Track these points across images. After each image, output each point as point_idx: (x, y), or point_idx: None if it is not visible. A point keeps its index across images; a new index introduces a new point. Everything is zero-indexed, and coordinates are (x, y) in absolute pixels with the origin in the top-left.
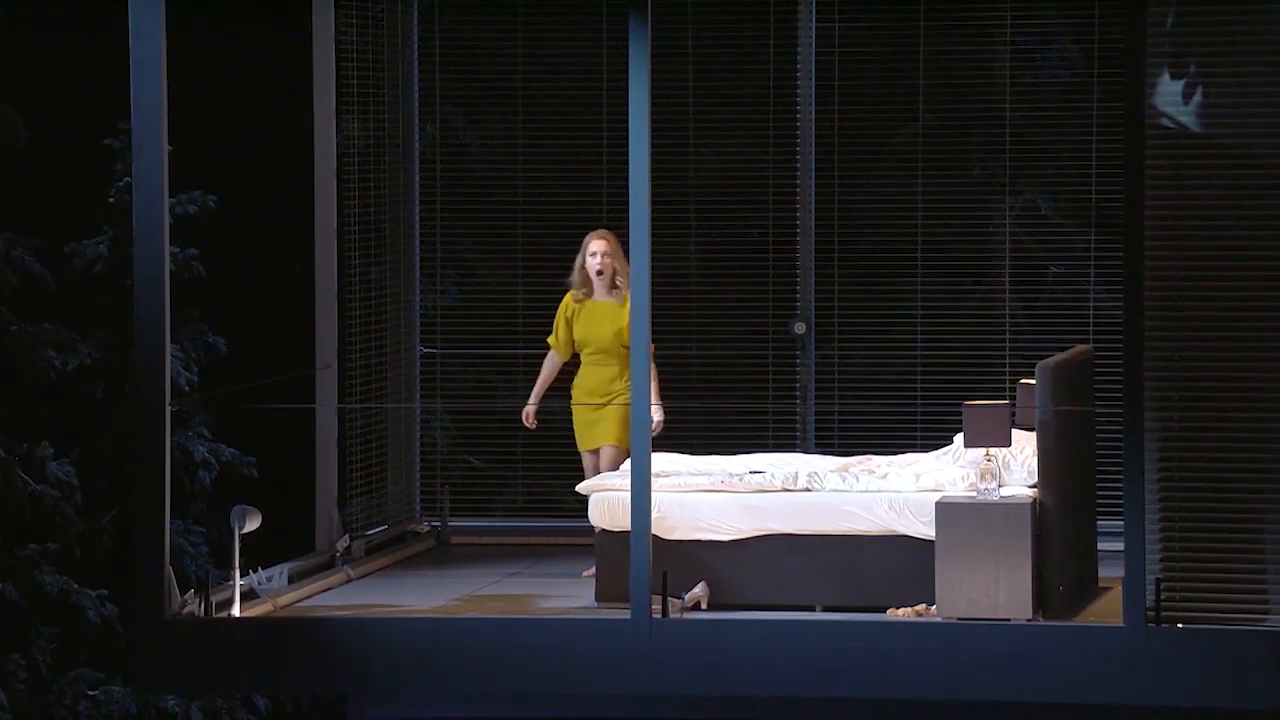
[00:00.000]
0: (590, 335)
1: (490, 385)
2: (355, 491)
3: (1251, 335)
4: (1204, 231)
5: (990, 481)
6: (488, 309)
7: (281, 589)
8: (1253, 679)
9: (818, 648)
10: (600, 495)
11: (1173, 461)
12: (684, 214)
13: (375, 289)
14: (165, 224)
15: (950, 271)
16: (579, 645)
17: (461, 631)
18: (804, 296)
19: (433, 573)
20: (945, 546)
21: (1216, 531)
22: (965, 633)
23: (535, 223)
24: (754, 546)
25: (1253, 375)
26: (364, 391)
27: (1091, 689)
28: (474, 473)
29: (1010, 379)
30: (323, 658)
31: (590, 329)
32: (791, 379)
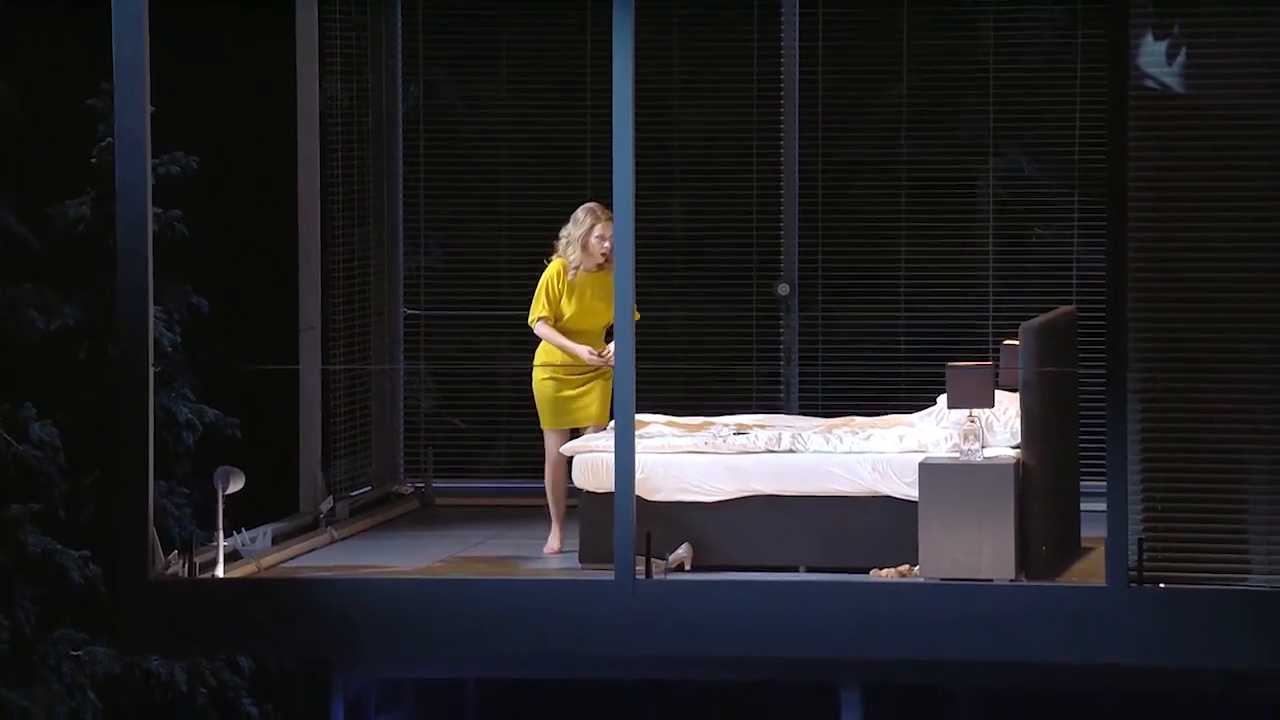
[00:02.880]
0: (583, 312)
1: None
2: (339, 453)
3: (1234, 296)
4: (1187, 192)
5: (973, 442)
6: (472, 270)
7: (265, 550)
8: (1234, 638)
9: (801, 608)
10: (584, 457)
11: (1155, 422)
12: (668, 175)
13: (359, 250)
14: (148, 185)
15: (934, 233)
16: (563, 606)
17: (445, 592)
18: (787, 258)
19: (416, 534)
20: (928, 507)
21: (1198, 492)
22: (948, 593)
23: (519, 184)
24: (737, 507)
25: (1235, 336)
26: (348, 353)
27: (1074, 648)
28: (458, 434)
29: (993, 340)
30: (306, 619)
31: (583, 306)
32: (775, 340)
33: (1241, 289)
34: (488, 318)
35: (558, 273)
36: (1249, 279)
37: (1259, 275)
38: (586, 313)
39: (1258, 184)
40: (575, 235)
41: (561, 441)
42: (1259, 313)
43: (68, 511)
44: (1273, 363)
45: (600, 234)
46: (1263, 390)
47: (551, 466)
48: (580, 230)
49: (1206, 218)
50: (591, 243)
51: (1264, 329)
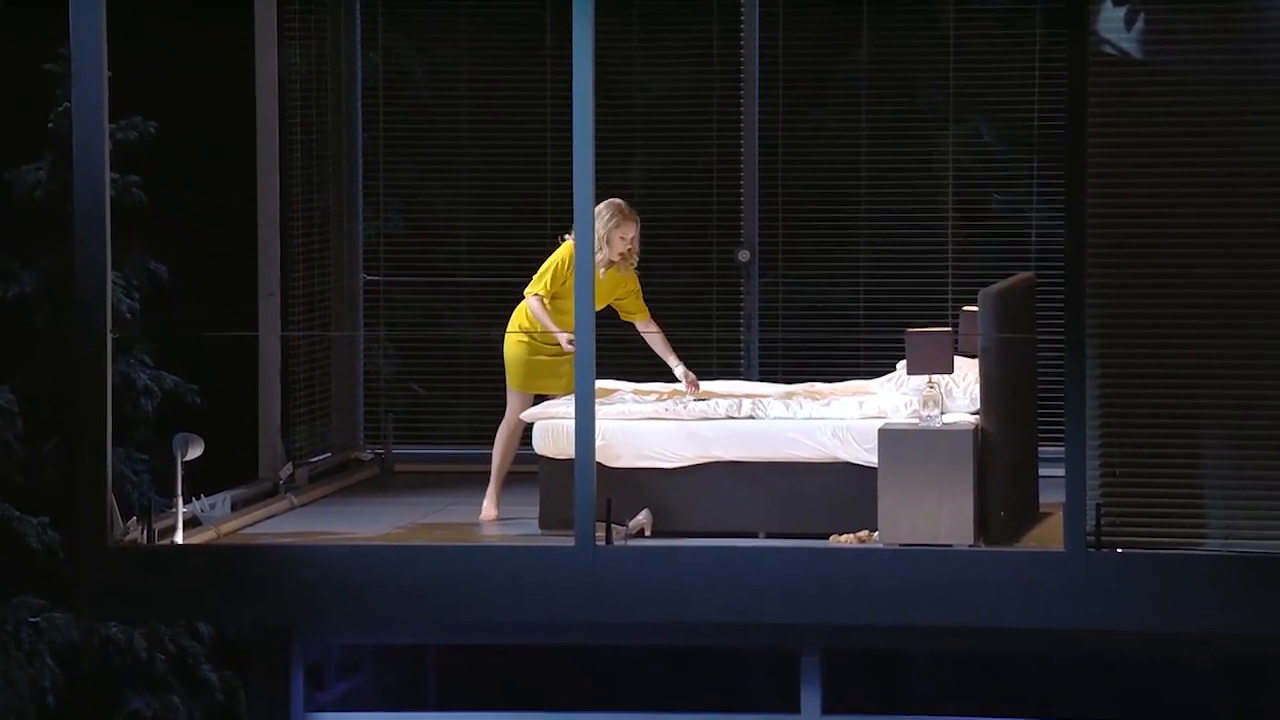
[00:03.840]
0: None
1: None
2: (299, 419)
3: (1192, 262)
4: (1146, 158)
5: (933, 408)
6: (431, 236)
7: (225, 516)
8: (1191, 602)
9: (761, 574)
10: (545, 423)
11: (1113, 388)
12: (628, 142)
13: (318, 216)
14: (105, 150)
15: (893, 199)
16: (523, 573)
17: (405, 559)
18: (748, 224)
19: (376, 500)
20: (888, 473)
21: (1155, 457)
22: (907, 559)
23: (479, 150)
24: (698, 474)
25: (1193, 302)
26: (307, 319)
27: (1032, 613)
28: (418, 400)
29: (953, 306)
30: (266, 585)
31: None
32: (735, 306)
33: (1200, 255)
34: (448, 284)
35: (569, 256)
36: (1207, 245)
37: (1217, 242)
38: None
39: (1217, 150)
40: (600, 232)
41: (526, 406)
42: (1217, 279)
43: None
44: (1230, 329)
45: (624, 234)
46: (1220, 356)
47: (510, 430)
48: (606, 228)
49: (1165, 184)
50: (615, 242)
51: (1221, 295)
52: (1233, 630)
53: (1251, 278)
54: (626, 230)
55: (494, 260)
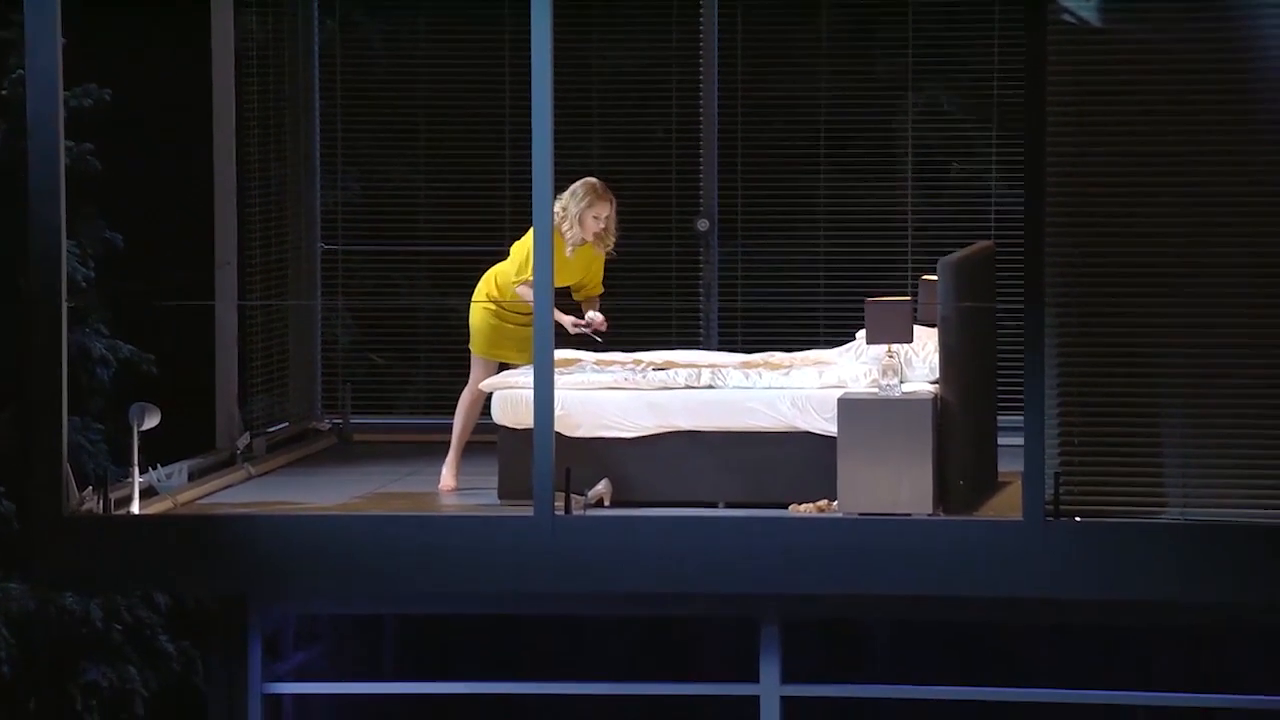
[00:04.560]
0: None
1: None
2: (256, 389)
3: (1151, 231)
4: (1105, 128)
5: (892, 378)
6: (389, 205)
7: (181, 486)
8: (1149, 571)
9: (720, 544)
10: (504, 393)
11: (1072, 357)
12: (587, 110)
13: (275, 185)
14: (60, 118)
15: (853, 168)
16: (481, 543)
17: (363, 529)
18: (707, 193)
19: (334, 470)
20: (847, 443)
21: (1114, 426)
22: (866, 528)
23: (437, 118)
24: (657, 443)
25: (1152, 271)
26: (264, 288)
27: (991, 582)
28: (376, 370)
29: (912, 275)
30: (223, 555)
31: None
32: (694, 276)
33: (1159, 225)
34: (406, 253)
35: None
36: (1167, 215)
37: (1177, 212)
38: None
39: (1177, 120)
40: (573, 210)
41: (489, 374)
42: (1176, 248)
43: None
44: (1189, 298)
45: (597, 213)
46: (1179, 325)
47: (472, 398)
48: (579, 206)
49: (1125, 153)
50: (588, 221)
51: (1181, 264)
52: (1190, 598)
53: (1211, 247)
54: (600, 209)
55: (452, 229)
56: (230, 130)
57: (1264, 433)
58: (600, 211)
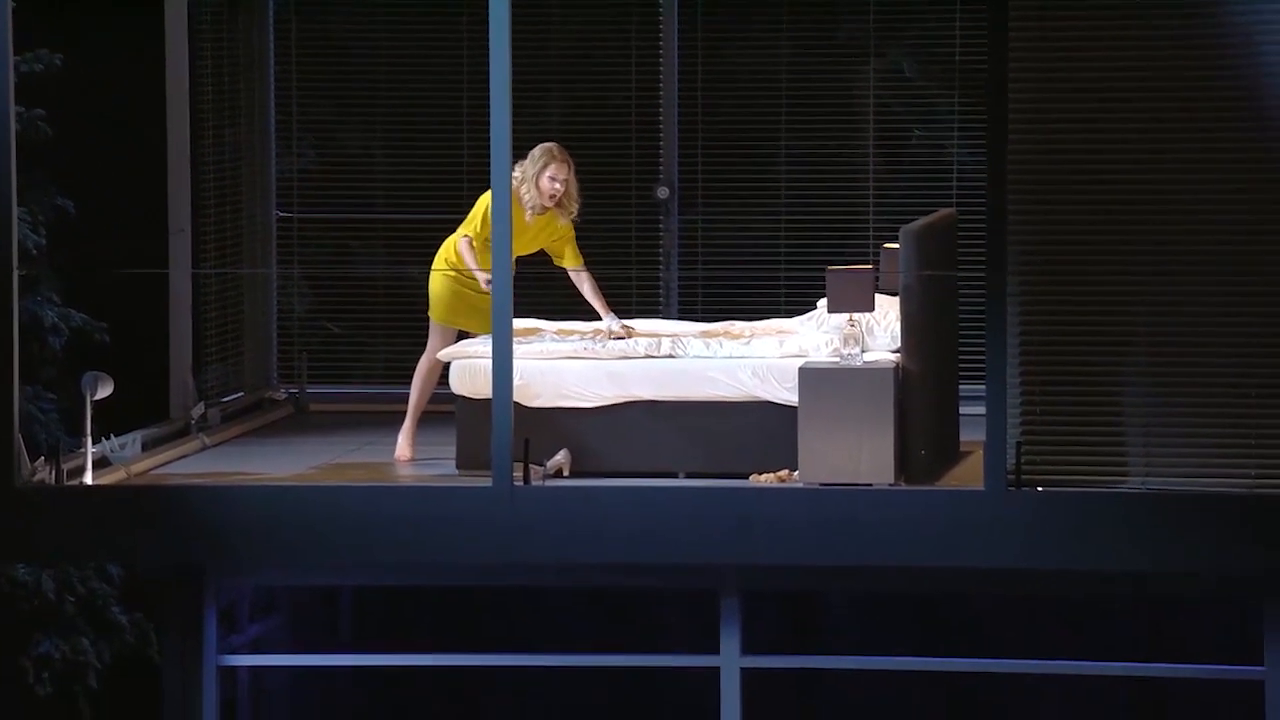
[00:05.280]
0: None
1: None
2: (210, 358)
3: (1114, 199)
4: (1068, 94)
5: (853, 347)
6: (346, 172)
7: (135, 456)
8: (1110, 541)
9: (680, 514)
10: (462, 362)
11: (1034, 326)
12: (546, 77)
13: (229, 151)
14: (10, 83)
15: (814, 135)
16: (440, 513)
17: (320, 499)
18: (667, 161)
19: (290, 440)
20: (808, 412)
21: (1076, 395)
22: (827, 498)
23: (394, 85)
24: (617, 413)
25: (1115, 239)
26: (219, 256)
27: (952, 552)
28: (332, 339)
29: (874, 243)
30: (178, 526)
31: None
32: (654, 244)
33: (1122, 192)
34: (362, 221)
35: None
36: (1130, 182)
37: (1140, 179)
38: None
39: (1141, 85)
40: (530, 174)
41: (448, 342)
42: (1139, 216)
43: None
44: (1152, 266)
45: (553, 175)
46: (1141, 294)
47: (430, 365)
48: (535, 169)
49: (1088, 120)
50: (544, 183)
51: (1144, 232)
52: (1152, 568)
53: (1174, 214)
54: (556, 172)
55: (409, 197)
56: (184, 96)
57: (1226, 402)
58: (557, 174)
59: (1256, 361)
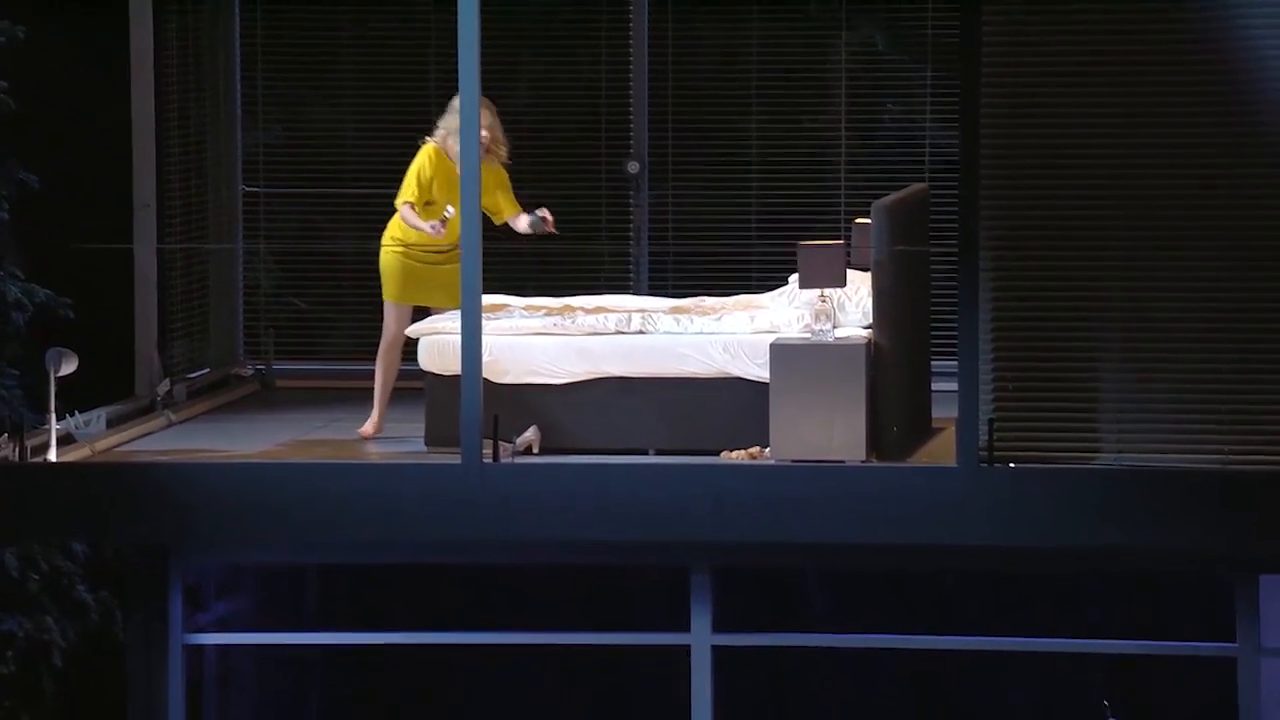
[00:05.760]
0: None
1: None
2: (176, 334)
3: (1089, 175)
4: (1042, 67)
5: (825, 322)
6: (313, 147)
7: (100, 433)
8: (1083, 517)
9: (651, 491)
10: (430, 339)
11: (1006, 301)
12: (515, 50)
13: (195, 125)
14: None
15: (786, 109)
16: (408, 490)
17: (287, 476)
18: (637, 135)
19: (257, 417)
20: (779, 388)
21: (1049, 372)
22: (799, 475)
23: (362, 59)
24: (587, 390)
25: (1088, 215)
26: (184, 231)
27: (925, 529)
28: (299, 314)
29: (845, 218)
30: (143, 504)
31: (451, 195)
32: (625, 219)
33: (1096, 168)
34: (329, 196)
35: (429, 158)
36: (1103, 159)
37: (1113, 155)
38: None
39: (1114, 60)
40: (453, 125)
41: (404, 320)
42: (1113, 192)
43: None
44: (1125, 242)
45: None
46: (1114, 270)
47: (389, 345)
48: (454, 118)
49: (1062, 94)
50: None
51: (1117, 208)
52: (1125, 544)
53: (1147, 190)
54: (483, 120)
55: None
56: (149, 69)
57: (1198, 378)
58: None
59: (1229, 338)
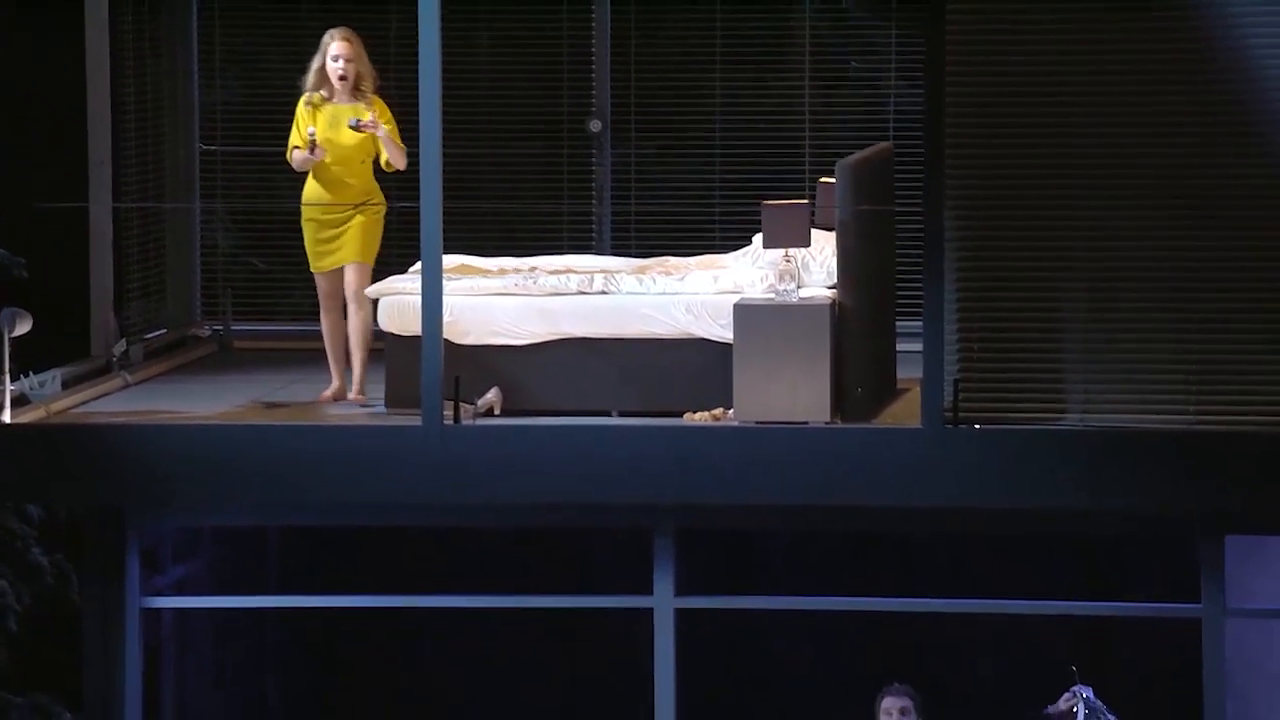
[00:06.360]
0: (330, 143)
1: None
2: (132, 294)
3: (1053, 133)
4: (1007, 26)
5: (789, 283)
6: (270, 105)
7: (55, 394)
8: (1049, 478)
9: (613, 453)
10: (390, 299)
11: (972, 262)
12: (476, 5)
13: (151, 82)
14: None
15: (749, 68)
16: (368, 452)
17: (245, 438)
18: (600, 93)
19: (214, 378)
20: (743, 349)
21: (1015, 332)
22: (763, 436)
23: (319, 12)
24: (549, 351)
25: (1054, 175)
26: (140, 189)
27: (889, 491)
28: (257, 274)
29: (810, 177)
30: (99, 466)
31: (336, 140)
32: (587, 178)
33: (1062, 127)
34: None
35: (302, 107)
36: (1069, 117)
37: (1080, 114)
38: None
39: (1081, 19)
40: (317, 64)
41: (331, 286)
42: (1078, 151)
43: None
44: (1091, 202)
45: (335, 53)
46: (1080, 230)
47: (323, 313)
48: (320, 58)
49: (1028, 53)
50: (327, 65)
51: (1082, 167)
52: (1090, 505)
53: (1114, 150)
54: (339, 50)
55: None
56: (104, 23)
57: (1163, 338)
58: (340, 52)
59: (1195, 299)
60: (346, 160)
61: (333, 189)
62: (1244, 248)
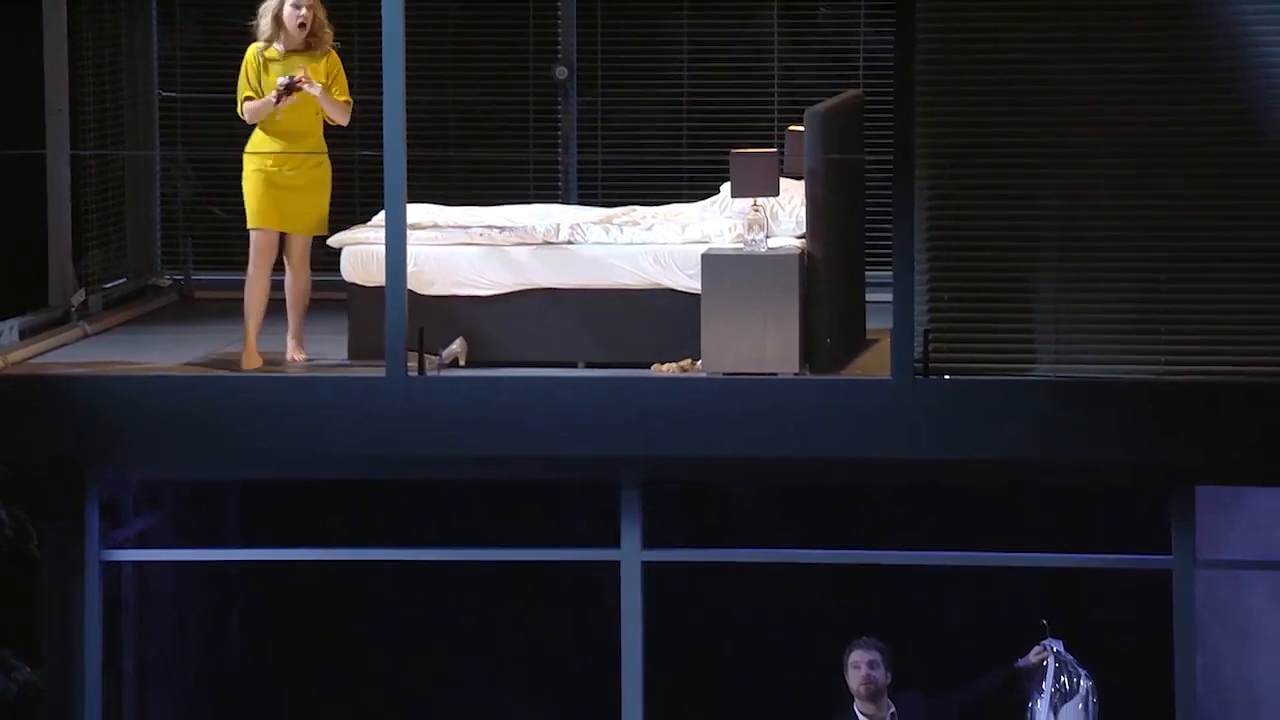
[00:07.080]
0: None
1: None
2: (91, 243)
3: (1024, 80)
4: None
5: (757, 232)
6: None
7: (12, 345)
8: (1019, 429)
9: (580, 405)
10: (354, 249)
11: (942, 211)
12: None
13: (109, 27)
14: None
15: (717, 13)
16: (332, 404)
17: (208, 390)
18: (565, 39)
19: (175, 329)
20: (711, 300)
21: (985, 283)
22: (731, 388)
23: None
24: (514, 301)
25: (1024, 122)
26: (99, 137)
27: (859, 442)
28: (219, 224)
29: (778, 126)
30: (58, 417)
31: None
32: (553, 126)
33: (1033, 75)
34: None
35: (253, 55)
36: (1041, 64)
37: (1052, 61)
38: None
39: None
40: (270, 12)
41: (270, 247)
42: (1050, 99)
43: None
44: (1062, 151)
45: (295, 2)
46: (1051, 179)
47: (256, 271)
48: (273, 5)
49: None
50: (286, 12)
51: (1054, 116)
52: (1060, 456)
53: (1085, 97)
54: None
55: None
56: None
57: (1134, 289)
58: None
59: (1165, 248)
60: (299, 110)
61: (287, 141)
62: (1216, 198)
